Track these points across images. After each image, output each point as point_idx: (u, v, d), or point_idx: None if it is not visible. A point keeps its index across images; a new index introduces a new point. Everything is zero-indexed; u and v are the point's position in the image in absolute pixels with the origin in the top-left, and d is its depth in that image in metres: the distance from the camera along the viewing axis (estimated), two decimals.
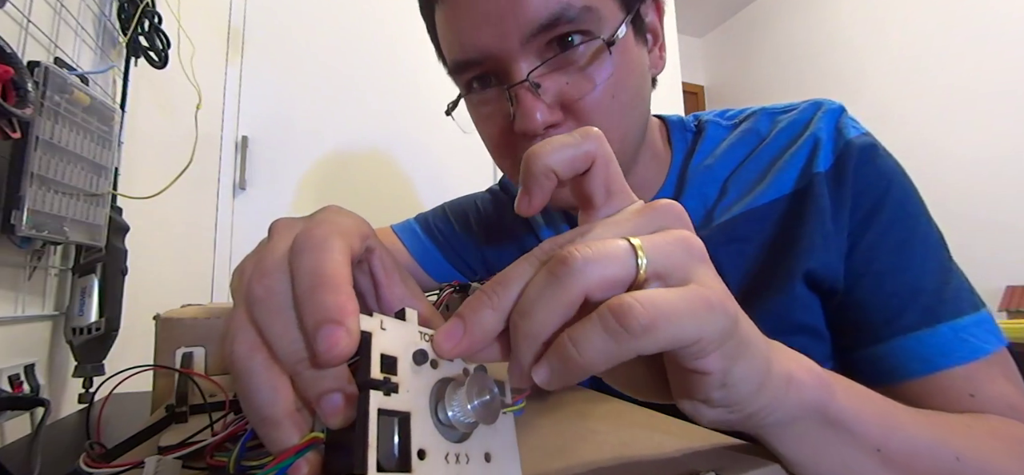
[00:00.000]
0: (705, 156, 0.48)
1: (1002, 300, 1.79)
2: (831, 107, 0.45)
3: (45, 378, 0.67)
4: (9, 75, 0.53)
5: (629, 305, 0.17)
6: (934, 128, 2.18)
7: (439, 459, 0.18)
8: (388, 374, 0.18)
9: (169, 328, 0.42)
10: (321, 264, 0.20)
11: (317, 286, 0.19)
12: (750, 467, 0.23)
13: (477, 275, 0.63)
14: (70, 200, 0.65)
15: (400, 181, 1.53)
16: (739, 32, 3.45)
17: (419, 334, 0.20)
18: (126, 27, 0.87)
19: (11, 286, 0.63)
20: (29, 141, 0.58)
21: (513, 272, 0.20)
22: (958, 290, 0.38)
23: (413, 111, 1.55)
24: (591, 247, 0.19)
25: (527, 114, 0.38)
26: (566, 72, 0.39)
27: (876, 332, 0.38)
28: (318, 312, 0.18)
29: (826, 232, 0.40)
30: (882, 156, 0.42)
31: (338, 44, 1.52)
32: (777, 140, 0.45)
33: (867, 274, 0.39)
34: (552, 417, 0.35)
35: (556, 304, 0.18)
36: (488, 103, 0.43)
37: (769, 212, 0.43)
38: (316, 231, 0.21)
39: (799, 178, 0.43)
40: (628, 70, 0.41)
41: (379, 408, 0.17)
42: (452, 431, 0.19)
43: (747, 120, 0.49)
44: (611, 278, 0.19)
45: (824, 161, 0.42)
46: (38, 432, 0.45)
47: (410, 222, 0.68)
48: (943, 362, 0.36)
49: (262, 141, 1.41)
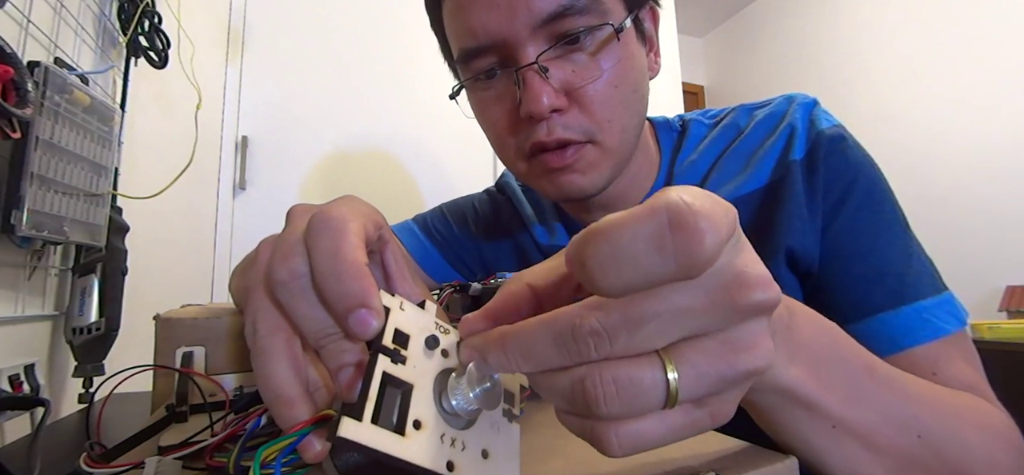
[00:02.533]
0: (689, 153, 0.51)
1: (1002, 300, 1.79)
2: (804, 100, 0.47)
3: (45, 378, 0.67)
4: (9, 75, 0.53)
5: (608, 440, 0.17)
6: (934, 127, 2.18)
7: (434, 434, 0.18)
8: (399, 347, 0.19)
9: (169, 328, 0.42)
10: (338, 246, 0.21)
11: (339, 271, 0.20)
12: (750, 467, 0.23)
13: (475, 275, 0.63)
14: (70, 200, 0.65)
15: (400, 180, 1.53)
16: (739, 32, 3.45)
17: (435, 324, 0.21)
18: (126, 27, 0.87)
19: (11, 286, 0.63)
20: (29, 141, 0.58)
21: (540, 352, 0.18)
22: (920, 274, 0.40)
23: (413, 111, 1.55)
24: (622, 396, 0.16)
25: (534, 97, 0.39)
26: (572, 60, 0.40)
27: (845, 313, 0.40)
28: (347, 299, 0.19)
29: (802, 215, 0.43)
30: (851, 147, 0.44)
31: (338, 44, 1.52)
32: (755, 132, 0.48)
33: (837, 258, 0.42)
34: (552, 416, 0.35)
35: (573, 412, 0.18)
36: (493, 89, 0.44)
37: (751, 200, 0.45)
38: (333, 212, 0.22)
39: (776, 167, 0.45)
40: (630, 64, 0.42)
41: (384, 371, 0.18)
42: (454, 418, 0.19)
43: (726, 117, 0.52)
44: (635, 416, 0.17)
45: (799, 150, 0.44)
46: (38, 432, 0.45)
47: (408, 223, 0.68)
48: (907, 341, 0.38)
49: (262, 141, 1.42)
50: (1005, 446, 0.32)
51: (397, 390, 0.19)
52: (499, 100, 0.44)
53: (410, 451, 0.17)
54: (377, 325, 0.19)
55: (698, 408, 0.18)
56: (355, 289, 0.19)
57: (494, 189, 0.67)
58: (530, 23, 0.39)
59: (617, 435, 0.17)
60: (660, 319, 0.16)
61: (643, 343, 0.16)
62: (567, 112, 0.41)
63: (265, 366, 0.21)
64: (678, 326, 0.16)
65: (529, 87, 0.40)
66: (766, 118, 0.48)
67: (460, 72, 0.46)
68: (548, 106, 0.40)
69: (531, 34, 0.39)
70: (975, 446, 0.29)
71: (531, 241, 0.59)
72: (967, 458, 0.29)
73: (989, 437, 0.31)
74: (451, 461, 0.18)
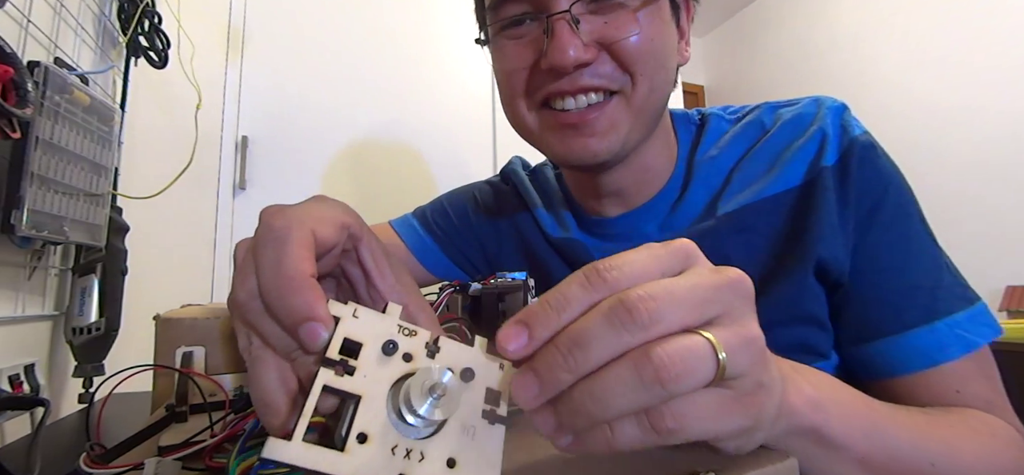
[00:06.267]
0: (709, 147, 0.49)
1: (1002, 300, 1.79)
2: (834, 104, 0.45)
3: (45, 378, 0.67)
4: (9, 75, 0.53)
5: (661, 415, 0.18)
6: (934, 128, 2.18)
7: (382, 448, 0.18)
8: (348, 357, 0.19)
9: (169, 328, 0.42)
10: (279, 260, 0.21)
11: (280, 287, 0.20)
12: (750, 467, 0.23)
13: (478, 271, 0.63)
14: (70, 200, 0.65)
15: (400, 179, 1.53)
16: (739, 32, 3.45)
17: (397, 327, 0.21)
18: (126, 27, 0.87)
19: (11, 286, 0.63)
20: (29, 141, 0.58)
21: (591, 336, 0.18)
22: (952, 287, 0.40)
23: (413, 110, 1.55)
24: (680, 361, 0.18)
25: (561, 47, 0.38)
26: (607, 13, 0.40)
27: (877, 328, 0.40)
28: (292, 314, 0.20)
29: (833, 224, 0.41)
30: (881, 156, 0.43)
31: (338, 44, 1.52)
32: (781, 133, 0.46)
33: (869, 272, 0.41)
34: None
35: (635, 405, 0.18)
36: (519, 37, 0.43)
37: (779, 203, 0.44)
38: (275, 223, 0.22)
39: (808, 170, 0.43)
40: (665, 32, 0.42)
41: (325, 384, 0.18)
42: (410, 428, 0.18)
43: (750, 114, 0.50)
44: (690, 388, 0.18)
45: (831, 155, 0.43)
46: (38, 432, 0.45)
47: (408, 217, 0.67)
48: (940, 357, 0.38)
49: (262, 141, 1.41)
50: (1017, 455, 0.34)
51: (346, 402, 0.18)
52: (523, 49, 0.42)
53: (348, 467, 0.17)
54: (325, 336, 0.19)
55: (739, 392, 0.19)
56: (297, 304, 0.20)
57: (497, 178, 0.67)
58: None
59: (674, 416, 0.18)
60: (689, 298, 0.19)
61: (685, 316, 0.18)
62: (595, 63, 0.40)
63: (255, 374, 0.21)
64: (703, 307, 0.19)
65: (557, 36, 0.39)
66: (794, 119, 0.46)
67: (488, 19, 0.45)
68: (573, 60, 0.39)
69: None
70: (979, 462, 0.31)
71: (532, 224, 0.58)
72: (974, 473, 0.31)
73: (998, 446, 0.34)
74: (403, 474, 0.17)
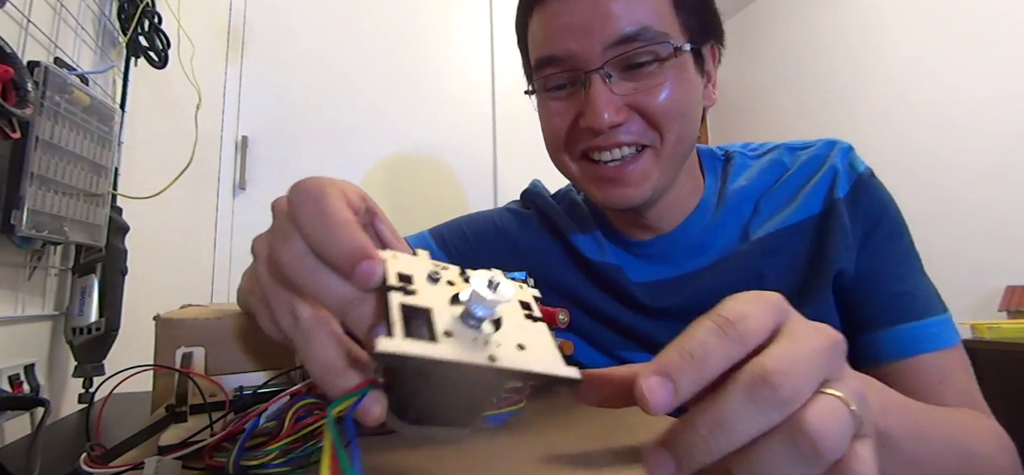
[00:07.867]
0: (738, 178, 0.57)
1: (1002, 300, 1.78)
2: (843, 146, 0.55)
3: (45, 378, 0.67)
4: (9, 75, 0.53)
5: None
6: (933, 129, 2.18)
7: (466, 338, 0.19)
8: (405, 284, 0.21)
9: (169, 328, 0.42)
10: (322, 210, 0.21)
11: (331, 232, 0.21)
12: None
13: None
14: (70, 200, 0.65)
15: (400, 180, 1.54)
16: (738, 33, 3.45)
17: (431, 265, 0.23)
18: (126, 27, 0.87)
19: (11, 286, 0.63)
20: (29, 141, 0.58)
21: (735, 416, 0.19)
22: (930, 295, 0.49)
23: (413, 110, 1.55)
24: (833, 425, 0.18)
25: (597, 112, 0.46)
26: (636, 77, 0.47)
27: (874, 321, 0.49)
28: (350, 255, 0.20)
29: (848, 242, 0.50)
30: (880, 187, 0.53)
31: (338, 44, 1.52)
32: (801, 171, 0.55)
33: (868, 277, 0.50)
34: (552, 417, 0.35)
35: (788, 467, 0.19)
36: (560, 99, 0.50)
37: (802, 228, 0.52)
38: (307, 184, 0.23)
39: (825, 201, 0.52)
40: (689, 89, 0.49)
41: (400, 302, 0.19)
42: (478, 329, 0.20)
43: (770, 153, 0.58)
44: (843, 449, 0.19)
45: (842, 188, 0.51)
46: (38, 432, 0.45)
47: (425, 235, 0.66)
48: (923, 347, 0.46)
49: (262, 141, 1.42)
50: (1010, 453, 0.40)
51: (419, 315, 0.20)
52: (563, 110, 0.50)
53: (451, 351, 0.18)
54: (381, 270, 0.20)
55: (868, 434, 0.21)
56: (352, 243, 0.20)
57: (517, 204, 0.66)
58: (602, 43, 0.45)
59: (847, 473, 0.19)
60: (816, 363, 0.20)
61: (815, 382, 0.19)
62: (628, 121, 0.47)
63: (310, 345, 0.21)
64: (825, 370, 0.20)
65: (593, 100, 0.46)
66: (810, 160, 0.55)
67: (534, 76, 0.52)
68: (608, 122, 0.45)
69: (602, 53, 0.45)
70: (993, 455, 0.38)
71: (563, 249, 0.61)
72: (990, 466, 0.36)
73: (999, 445, 0.40)
74: (492, 355, 0.19)
